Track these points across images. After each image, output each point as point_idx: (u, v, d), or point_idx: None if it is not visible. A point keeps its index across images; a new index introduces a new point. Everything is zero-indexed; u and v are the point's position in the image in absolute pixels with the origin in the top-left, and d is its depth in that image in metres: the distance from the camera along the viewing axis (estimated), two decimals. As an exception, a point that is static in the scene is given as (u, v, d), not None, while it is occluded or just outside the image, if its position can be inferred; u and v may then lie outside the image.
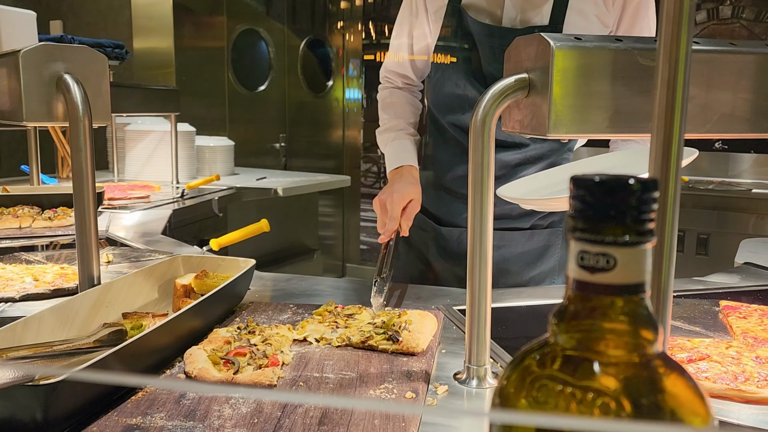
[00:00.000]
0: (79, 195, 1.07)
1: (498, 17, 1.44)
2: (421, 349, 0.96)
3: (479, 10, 1.45)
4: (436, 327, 1.05)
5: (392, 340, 0.97)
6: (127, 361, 0.81)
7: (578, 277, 0.32)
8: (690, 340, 1.01)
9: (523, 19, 1.42)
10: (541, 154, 1.52)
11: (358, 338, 0.99)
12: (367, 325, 1.04)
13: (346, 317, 1.09)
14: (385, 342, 0.97)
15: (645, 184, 0.31)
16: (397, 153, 1.52)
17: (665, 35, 0.47)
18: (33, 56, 1.05)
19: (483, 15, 1.45)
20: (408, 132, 1.58)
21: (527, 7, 1.42)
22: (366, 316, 1.09)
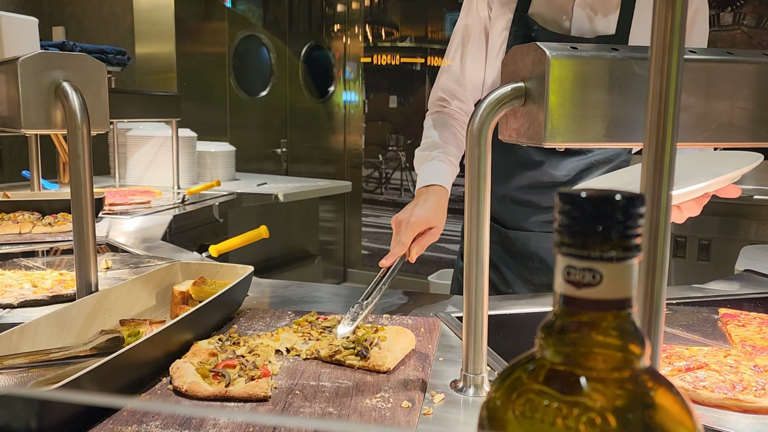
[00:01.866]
0: (77, 202, 1.07)
1: (566, 27, 1.45)
2: (387, 368, 0.92)
3: (547, 20, 1.45)
4: (412, 344, 1.01)
5: (360, 356, 0.95)
6: (122, 369, 0.81)
7: (564, 291, 0.32)
8: (688, 349, 1.01)
9: (591, 29, 1.43)
10: (605, 158, 1.54)
11: (327, 352, 0.97)
12: (340, 340, 1.01)
13: (322, 329, 1.07)
14: (353, 357, 0.95)
15: (631, 199, 0.31)
16: (430, 171, 1.41)
17: (656, 47, 0.47)
18: (31, 64, 1.05)
19: (551, 25, 1.45)
20: (447, 156, 1.45)
21: (595, 17, 1.43)
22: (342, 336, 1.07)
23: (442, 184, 1.36)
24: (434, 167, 1.41)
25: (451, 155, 1.46)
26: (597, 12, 1.43)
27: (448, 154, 1.45)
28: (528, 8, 1.46)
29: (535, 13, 1.46)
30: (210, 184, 2.97)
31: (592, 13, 1.44)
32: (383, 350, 0.95)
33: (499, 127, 0.92)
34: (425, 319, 1.16)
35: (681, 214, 1.16)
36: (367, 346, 0.95)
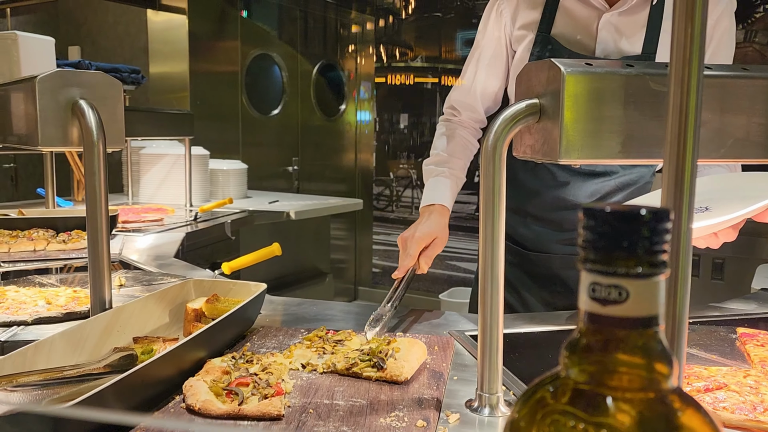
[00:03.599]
0: (92, 219, 1.08)
1: (591, 48, 1.44)
2: (405, 378, 0.93)
3: (570, 41, 1.45)
4: (425, 355, 1.03)
5: (377, 367, 0.95)
6: (136, 387, 0.80)
7: (590, 309, 0.31)
8: (707, 369, 0.99)
9: (616, 50, 1.43)
10: (629, 181, 1.53)
11: (343, 365, 0.97)
12: (354, 352, 1.02)
13: (335, 343, 1.07)
14: (370, 369, 0.95)
15: (657, 214, 0.30)
16: (432, 190, 1.48)
17: (676, 62, 0.47)
18: (49, 82, 1.06)
19: (575, 45, 1.44)
20: (451, 170, 1.52)
21: (620, 38, 1.42)
22: (355, 342, 1.08)
23: (442, 203, 1.45)
24: (437, 185, 1.49)
25: (455, 167, 1.52)
26: (622, 32, 1.42)
27: (453, 167, 1.52)
28: (551, 29, 1.46)
29: (558, 34, 1.45)
30: (222, 201, 2.98)
31: (617, 33, 1.42)
32: (399, 360, 0.95)
33: (514, 143, 0.92)
34: (439, 338, 1.15)
35: (717, 240, 1.14)
36: (383, 357, 0.96)
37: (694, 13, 0.46)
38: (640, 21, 1.41)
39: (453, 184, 1.50)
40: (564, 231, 1.56)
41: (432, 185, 1.50)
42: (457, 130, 1.58)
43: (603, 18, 1.42)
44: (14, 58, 2.60)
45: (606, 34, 1.42)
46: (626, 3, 1.40)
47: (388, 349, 0.99)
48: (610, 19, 1.41)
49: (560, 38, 1.45)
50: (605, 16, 1.41)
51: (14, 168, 4.77)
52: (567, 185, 1.52)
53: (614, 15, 1.41)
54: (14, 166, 4.77)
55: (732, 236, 1.14)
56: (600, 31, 1.42)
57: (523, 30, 1.49)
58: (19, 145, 1.22)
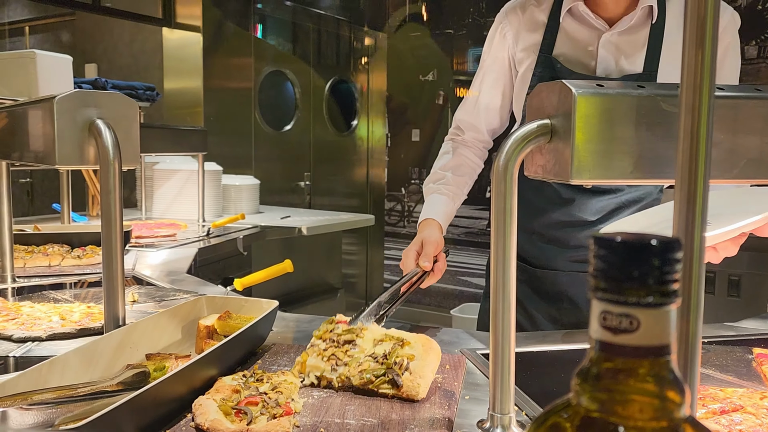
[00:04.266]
0: (107, 236, 1.09)
1: (592, 67, 1.46)
2: (421, 397, 0.93)
3: (571, 61, 1.47)
4: (439, 358, 1.03)
5: (392, 384, 0.95)
6: (148, 405, 0.81)
7: (601, 337, 0.31)
8: (722, 390, 0.98)
9: (617, 69, 1.44)
10: (636, 198, 1.53)
11: (358, 381, 0.97)
12: (367, 359, 1.00)
13: (346, 345, 1.05)
14: (386, 387, 0.95)
15: (667, 244, 0.30)
16: (429, 206, 1.53)
17: (686, 88, 0.47)
18: (67, 102, 1.08)
19: (576, 66, 1.47)
20: (448, 188, 1.55)
21: (621, 57, 1.44)
22: (367, 341, 1.05)
23: (436, 218, 1.50)
24: (434, 201, 1.54)
25: (454, 185, 1.57)
26: (623, 51, 1.44)
27: (450, 184, 1.56)
28: (552, 50, 1.48)
29: (559, 54, 1.48)
30: (235, 217, 3.00)
31: (617, 52, 1.44)
32: (414, 375, 0.94)
33: (525, 163, 0.92)
34: (450, 356, 1.15)
35: (717, 254, 1.15)
36: (399, 371, 0.95)
37: (704, 39, 0.46)
38: (641, 40, 1.43)
39: (450, 201, 1.54)
40: (570, 248, 1.56)
41: (429, 202, 1.55)
42: (459, 149, 1.61)
43: (603, 38, 1.44)
44: (32, 75, 2.64)
45: (606, 53, 1.44)
46: (626, 23, 1.42)
47: (402, 357, 0.98)
48: (610, 38, 1.43)
49: (561, 58, 1.47)
50: (605, 36, 1.43)
51: (30, 183, 4.84)
52: (572, 202, 1.53)
53: (614, 35, 1.43)
54: (30, 181, 4.83)
55: (732, 251, 1.15)
56: (600, 50, 1.44)
57: (525, 51, 1.51)
58: (35, 162, 1.24)
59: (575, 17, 1.47)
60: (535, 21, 1.51)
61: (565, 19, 1.47)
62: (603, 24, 1.44)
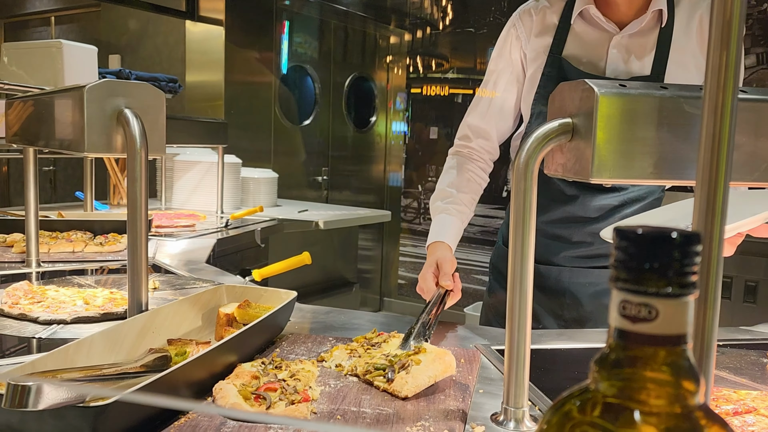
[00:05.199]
0: (132, 223, 1.12)
1: (601, 69, 1.48)
2: (404, 395, 0.93)
3: (581, 61, 1.49)
4: (450, 371, 1.00)
5: (386, 378, 0.97)
6: (170, 387, 0.83)
7: (620, 326, 0.33)
8: (736, 392, 0.99)
9: (626, 70, 1.47)
10: (639, 196, 1.55)
11: (361, 370, 1.01)
12: (380, 357, 1.04)
13: (370, 346, 1.10)
14: (380, 379, 0.98)
15: (688, 237, 0.31)
16: (438, 227, 1.51)
17: (710, 88, 0.48)
18: (97, 91, 1.11)
19: (586, 66, 1.49)
20: (457, 207, 1.54)
21: (630, 59, 1.46)
22: (392, 345, 1.10)
23: (446, 242, 1.47)
24: (443, 223, 1.51)
25: (461, 203, 1.54)
26: (632, 53, 1.46)
27: (458, 203, 1.54)
28: (562, 51, 1.50)
29: (569, 55, 1.50)
30: (253, 209, 3.03)
31: (626, 54, 1.47)
32: (409, 375, 0.96)
33: (545, 161, 0.93)
34: (465, 351, 1.16)
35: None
36: (396, 368, 0.97)
37: (730, 39, 0.47)
38: (650, 43, 1.45)
39: (457, 221, 1.52)
40: (573, 244, 1.58)
41: (437, 223, 1.52)
42: (465, 165, 1.60)
43: (614, 40, 1.46)
44: (59, 65, 2.69)
45: (616, 55, 1.47)
46: (636, 26, 1.44)
47: (407, 360, 1.00)
48: (620, 41, 1.46)
49: (571, 59, 1.50)
50: (616, 38, 1.46)
51: (53, 171, 4.91)
52: (576, 199, 1.54)
53: (624, 37, 1.46)
54: (53, 169, 4.91)
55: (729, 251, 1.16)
56: (610, 52, 1.47)
57: (535, 53, 1.54)
58: (61, 149, 1.27)
59: (586, 20, 1.50)
60: (546, 23, 1.54)
61: (576, 21, 1.50)
62: (613, 27, 1.46)
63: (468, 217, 1.56)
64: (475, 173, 1.59)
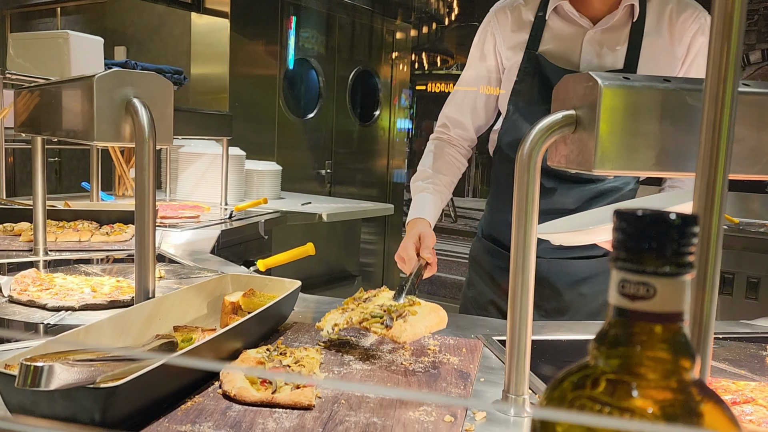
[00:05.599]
0: (140, 211, 1.13)
1: (575, 63, 1.53)
2: (403, 341, 0.98)
3: (556, 56, 1.54)
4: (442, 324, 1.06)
5: (384, 324, 0.99)
6: (178, 371, 0.85)
7: (619, 304, 0.34)
8: (735, 383, 1.00)
9: (599, 64, 1.51)
10: (614, 187, 1.58)
11: (357, 318, 1.03)
12: (375, 307, 1.06)
13: (363, 300, 1.12)
14: (378, 326, 1.00)
15: (685, 219, 0.33)
16: (417, 205, 1.58)
17: (711, 80, 0.49)
18: (106, 81, 1.12)
19: (560, 61, 1.53)
20: (436, 187, 1.61)
21: (603, 52, 1.51)
22: (383, 298, 1.12)
23: (425, 218, 1.54)
24: (422, 201, 1.58)
25: (440, 184, 1.62)
26: (604, 47, 1.51)
27: (438, 183, 1.61)
28: (539, 47, 1.55)
29: (545, 51, 1.55)
30: (257, 201, 3.05)
31: (600, 48, 1.51)
32: (407, 323, 0.98)
33: (549, 153, 0.94)
34: (467, 341, 1.18)
35: None
36: (394, 316, 0.99)
37: (731, 32, 0.48)
38: (622, 37, 1.50)
39: (437, 200, 1.59)
40: None
41: (417, 201, 1.59)
42: (445, 148, 1.67)
43: (587, 35, 1.51)
44: (65, 56, 2.70)
45: (590, 49, 1.51)
46: (609, 21, 1.49)
47: (404, 310, 1.03)
48: (593, 36, 1.51)
49: (547, 54, 1.54)
50: (589, 33, 1.51)
51: (58, 162, 4.93)
52: (554, 191, 1.58)
53: (598, 32, 1.50)
54: (59, 160, 4.93)
55: None
56: (584, 47, 1.51)
57: (512, 50, 1.59)
58: (69, 139, 1.29)
59: (560, 15, 1.54)
60: (522, 20, 1.58)
61: (551, 17, 1.54)
62: (587, 22, 1.51)
63: (447, 198, 1.64)
64: (454, 157, 1.66)
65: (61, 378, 0.66)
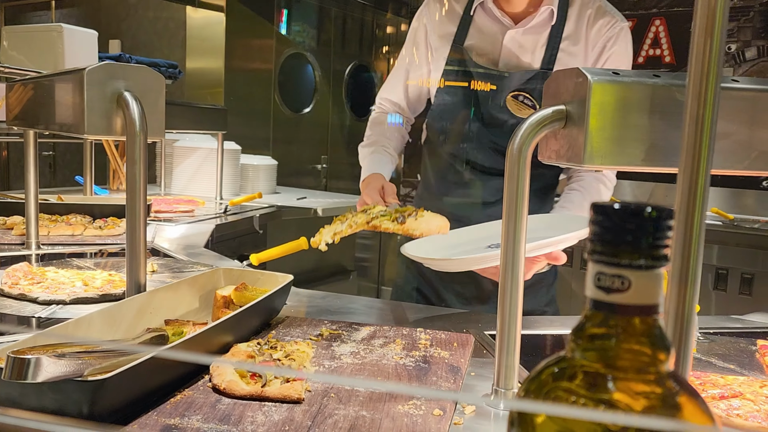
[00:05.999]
0: (131, 205, 1.13)
1: (496, 60, 1.58)
2: (420, 234, 0.98)
3: (480, 52, 1.59)
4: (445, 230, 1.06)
5: (396, 221, 0.99)
6: (168, 364, 0.85)
7: (594, 296, 0.34)
8: (723, 377, 1.00)
9: (518, 63, 1.56)
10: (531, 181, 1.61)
11: (364, 219, 1.02)
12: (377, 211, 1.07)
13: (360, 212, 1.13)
14: (389, 222, 1.00)
15: (661, 212, 0.33)
16: (371, 164, 1.61)
17: (694, 74, 0.49)
18: (97, 74, 1.12)
19: (482, 57, 1.58)
20: (387, 150, 1.67)
21: (522, 53, 1.55)
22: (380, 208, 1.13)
23: (379, 173, 1.57)
24: (374, 160, 1.63)
25: (389, 147, 1.68)
26: (524, 48, 1.55)
27: (386, 146, 1.67)
28: (465, 40, 1.59)
29: (470, 45, 1.59)
30: (252, 196, 3.04)
31: (520, 49, 1.55)
32: (418, 221, 0.98)
33: (540, 148, 0.94)
34: (458, 335, 1.18)
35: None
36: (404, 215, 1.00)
37: (714, 28, 0.48)
38: (541, 40, 1.55)
39: (388, 160, 1.64)
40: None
41: (372, 160, 1.64)
42: (382, 117, 1.75)
43: (508, 34, 1.55)
44: (59, 49, 2.69)
45: (509, 48, 1.56)
46: (529, 22, 1.53)
47: (412, 211, 1.04)
48: (514, 35, 1.55)
49: (471, 49, 1.59)
50: (510, 33, 1.55)
51: (53, 156, 4.92)
52: (472, 184, 1.62)
53: (518, 32, 1.55)
54: (53, 154, 4.91)
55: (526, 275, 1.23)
56: (504, 45, 1.56)
57: (441, 40, 1.63)
58: (61, 132, 1.28)
59: (486, 12, 1.58)
60: (452, 11, 1.62)
61: (477, 12, 1.59)
62: (509, 21, 1.55)
63: (395, 162, 1.69)
64: (396, 129, 1.73)
65: (49, 371, 0.66)
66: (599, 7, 1.55)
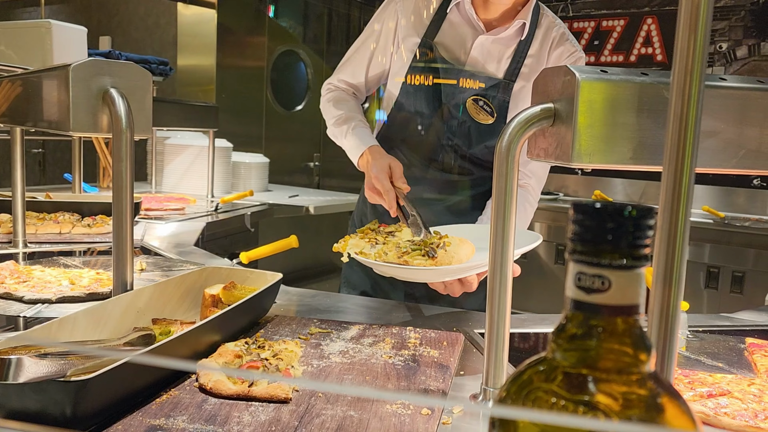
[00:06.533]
0: (117, 203, 1.12)
1: (462, 62, 1.58)
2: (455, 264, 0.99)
3: (448, 49, 1.59)
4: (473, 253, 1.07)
5: (428, 255, 0.99)
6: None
7: (575, 296, 0.34)
8: (711, 375, 1.01)
9: (482, 69, 1.57)
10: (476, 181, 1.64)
11: (395, 254, 1.02)
12: (406, 242, 1.06)
13: (387, 234, 1.13)
14: (420, 258, 1.00)
15: (641, 211, 0.32)
16: (359, 139, 1.58)
17: (678, 72, 0.49)
18: (82, 70, 1.11)
19: (450, 56, 1.59)
20: (362, 121, 1.65)
21: (488, 59, 1.56)
22: (406, 233, 1.13)
23: (372, 144, 1.55)
24: (359, 134, 1.60)
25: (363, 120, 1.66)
26: (491, 55, 1.56)
27: (364, 121, 1.66)
28: (435, 36, 1.59)
29: (440, 42, 1.59)
30: (243, 193, 3.03)
31: (487, 55, 1.56)
32: (449, 252, 0.99)
33: (528, 146, 0.94)
34: (448, 334, 1.18)
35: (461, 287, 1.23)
36: (434, 248, 1.00)
37: (698, 24, 0.48)
38: (508, 51, 1.56)
39: (369, 131, 1.62)
40: None
41: (356, 136, 1.60)
42: (344, 95, 1.71)
43: (478, 39, 1.56)
44: (47, 45, 2.67)
45: (477, 53, 1.57)
46: (501, 32, 1.55)
47: (439, 242, 1.03)
48: (483, 42, 1.56)
49: (440, 46, 1.59)
50: (481, 38, 1.56)
51: (42, 153, 4.89)
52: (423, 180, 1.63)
53: (489, 39, 1.56)
54: (42, 151, 4.88)
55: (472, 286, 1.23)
56: (473, 49, 1.56)
57: (412, 30, 1.61)
58: (49, 129, 1.27)
59: (461, 13, 1.58)
60: (427, 5, 1.62)
61: (452, 11, 1.58)
62: (481, 27, 1.56)
63: None
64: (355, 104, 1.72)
65: (31, 371, 0.65)
66: (563, 34, 1.59)
